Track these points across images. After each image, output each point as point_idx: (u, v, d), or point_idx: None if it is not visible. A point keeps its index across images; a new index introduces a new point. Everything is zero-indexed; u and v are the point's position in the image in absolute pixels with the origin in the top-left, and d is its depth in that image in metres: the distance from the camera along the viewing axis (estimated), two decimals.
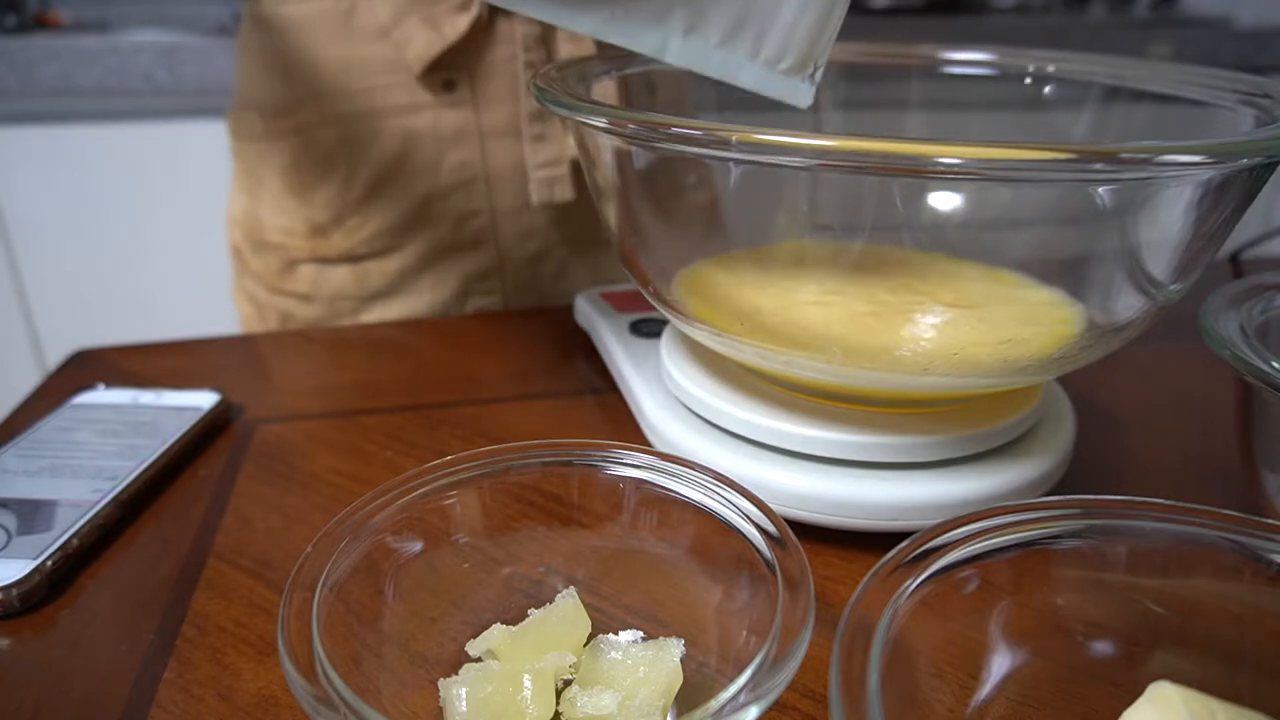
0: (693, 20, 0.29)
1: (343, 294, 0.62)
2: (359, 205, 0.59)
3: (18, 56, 1.08)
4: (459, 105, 0.58)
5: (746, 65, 0.30)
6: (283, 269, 0.62)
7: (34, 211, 1.16)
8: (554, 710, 0.23)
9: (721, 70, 0.30)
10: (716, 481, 0.26)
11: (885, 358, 0.30)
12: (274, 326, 0.65)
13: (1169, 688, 0.21)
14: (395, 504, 0.26)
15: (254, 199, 0.63)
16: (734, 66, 0.30)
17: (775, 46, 0.30)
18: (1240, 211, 0.29)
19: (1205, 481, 0.38)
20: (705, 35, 0.29)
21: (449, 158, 0.59)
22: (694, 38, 0.29)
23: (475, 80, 0.57)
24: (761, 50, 0.30)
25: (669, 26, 0.29)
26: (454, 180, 0.59)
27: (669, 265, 0.37)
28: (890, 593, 0.21)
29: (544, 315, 0.56)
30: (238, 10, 1.42)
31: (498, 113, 0.58)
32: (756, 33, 0.29)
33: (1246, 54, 1.45)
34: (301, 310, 0.63)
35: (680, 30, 0.29)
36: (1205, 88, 0.36)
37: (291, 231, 0.61)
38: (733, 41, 0.30)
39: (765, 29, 0.29)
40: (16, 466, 0.36)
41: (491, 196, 0.60)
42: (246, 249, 0.64)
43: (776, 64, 0.30)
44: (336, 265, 0.61)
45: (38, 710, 0.26)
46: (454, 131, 0.58)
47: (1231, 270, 0.62)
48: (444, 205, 0.60)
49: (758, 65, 0.30)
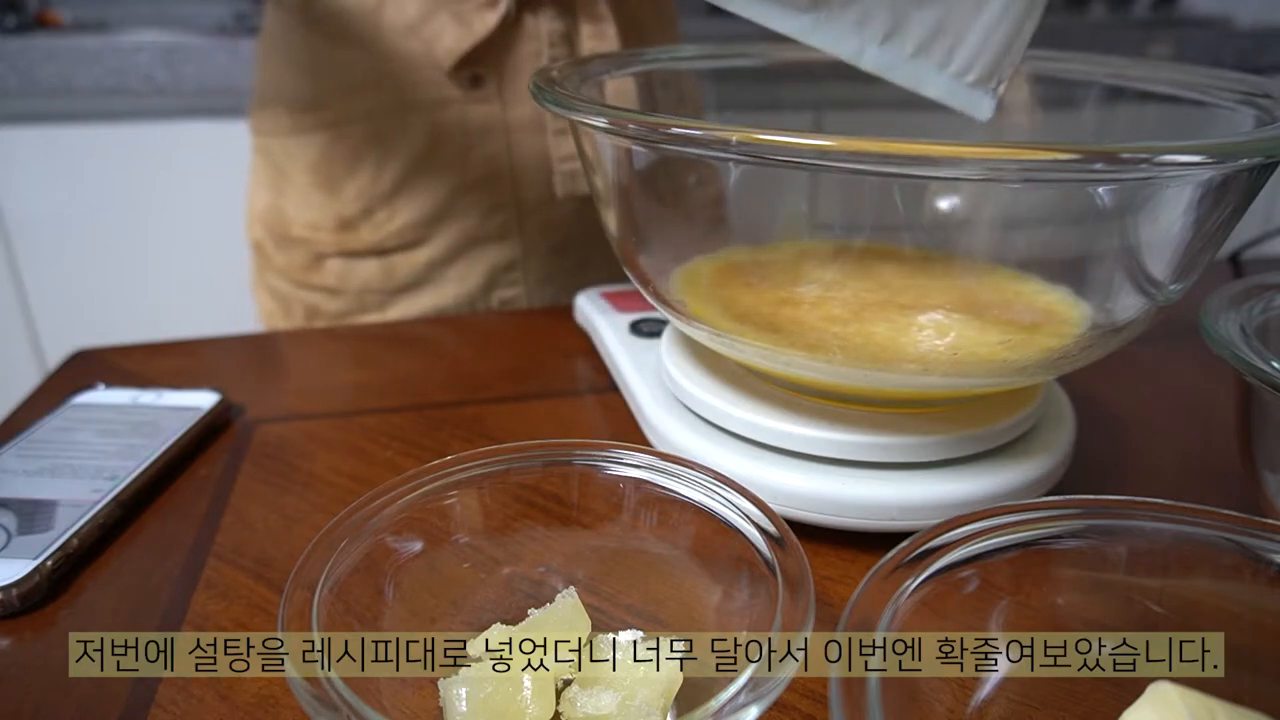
0: (891, 29, 0.30)
1: (370, 287, 0.63)
2: (387, 199, 0.60)
3: (17, 56, 1.08)
4: (486, 100, 0.59)
5: (935, 75, 0.31)
6: (309, 263, 0.63)
7: (34, 211, 1.16)
8: (554, 710, 0.23)
9: (911, 79, 0.31)
10: (716, 481, 0.26)
11: (885, 358, 0.30)
12: (300, 319, 0.66)
13: (1169, 688, 0.21)
14: (395, 504, 0.26)
15: (278, 194, 0.63)
16: (923, 76, 0.31)
17: (965, 59, 0.31)
18: (1240, 211, 0.29)
19: (1205, 481, 0.38)
20: (901, 44, 0.31)
21: (476, 152, 0.59)
22: (890, 46, 0.31)
23: (502, 76, 0.58)
24: (952, 62, 0.31)
25: (868, 34, 0.30)
26: (480, 174, 0.60)
27: (669, 265, 0.37)
28: (890, 593, 0.21)
29: (544, 315, 0.56)
30: (238, 10, 1.43)
31: (523, 108, 0.59)
32: (949, 45, 0.31)
33: (1246, 54, 1.45)
34: (329, 303, 0.64)
35: (878, 38, 0.31)
36: (1205, 88, 0.36)
37: (318, 226, 0.62)
38: (926, 52, 0.31)
39: (958, 42, 0.31)
40: (16, 466, 0.36)
41: (517, 189, 0.61)
42: (269, 244, 0.65)
43: (964, 76, 0.31)
44: (364, 259, 0.62)
45: (38, 710, 0.26)
46: (481, 126, 0.59)
47: (1231, 270, 0.62)
48: (471, 198, 0.61)
49: (946, 76, 0.31)
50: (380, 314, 0.63)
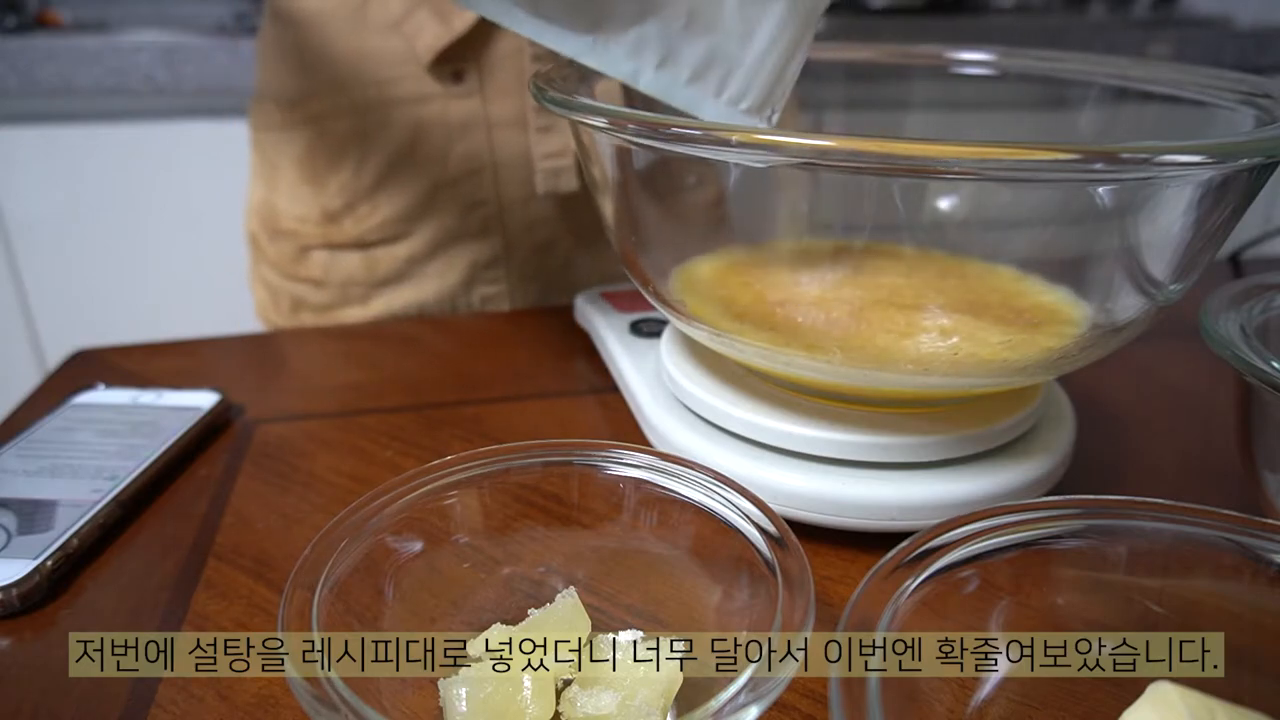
0: (665, 56, 0.32)
1: (353, 280, 0.63)
2: (369, 193, 0.60)
3: (17, 56, 1.07)
4: (468, 96, 0.59)
5: (710, 102, 0.32)
6: (296, 255, 0.64)
7: (34, 211, 1.15)
8: (554, 710, 0.23)
9: (687, 103, 0.32)
10: (716, 481, 0.26)
11: (885, 358, 0.30)
12: (286, 312, 0.66)
13: (1169, 688, 0.21)
14: (395, 504, 0.26)
15: (270, 188, 0.64)
16: (699, 102, 0.32)
17: (738, 89, 0.32)
18: (1240, 211, 0.29)
19: (1205, 481, 0.38)
20: (676, 71, 0.32)
21: (457, 147, 0.60)
22: (664, 72, 0.32)
23: (484, 72, 0.59)
24: (725, 90, 0.32)
25: (643, 60, 0.32)
26: (462, 169, 0.60)
27: (668, 265, 0.37)
28: (890, 593, 0.21)
29: (544, 315, 0.56)
30: (238, 10, 1.43)
31: (505, 104, 0.59)
32: (722, 75, 0.32)
33: (1246, 54, 1.45)
34: (313, 296, 0.64)
35: (653, 64, 0.32)
36: (1205, 88, 0.36)
37: (305, 219, 0.62)
38: (701, 80, 0.32)
39: (730, 72, 0.32)
40: (16, 466, 0.36)
41: (498, 186, 0.61)
42: (263, 236, 0.66)
43: (738, 103, 0.32)
44: (348, 252, 0.63)
45: (38, 710, 0.26)
46: (462, 122, 0.59)
47: (1231, 270, 0.62)
48: (452, 194, 0.61)
49: (721, 103, 0.32)
50: (363, 307, 0.64)
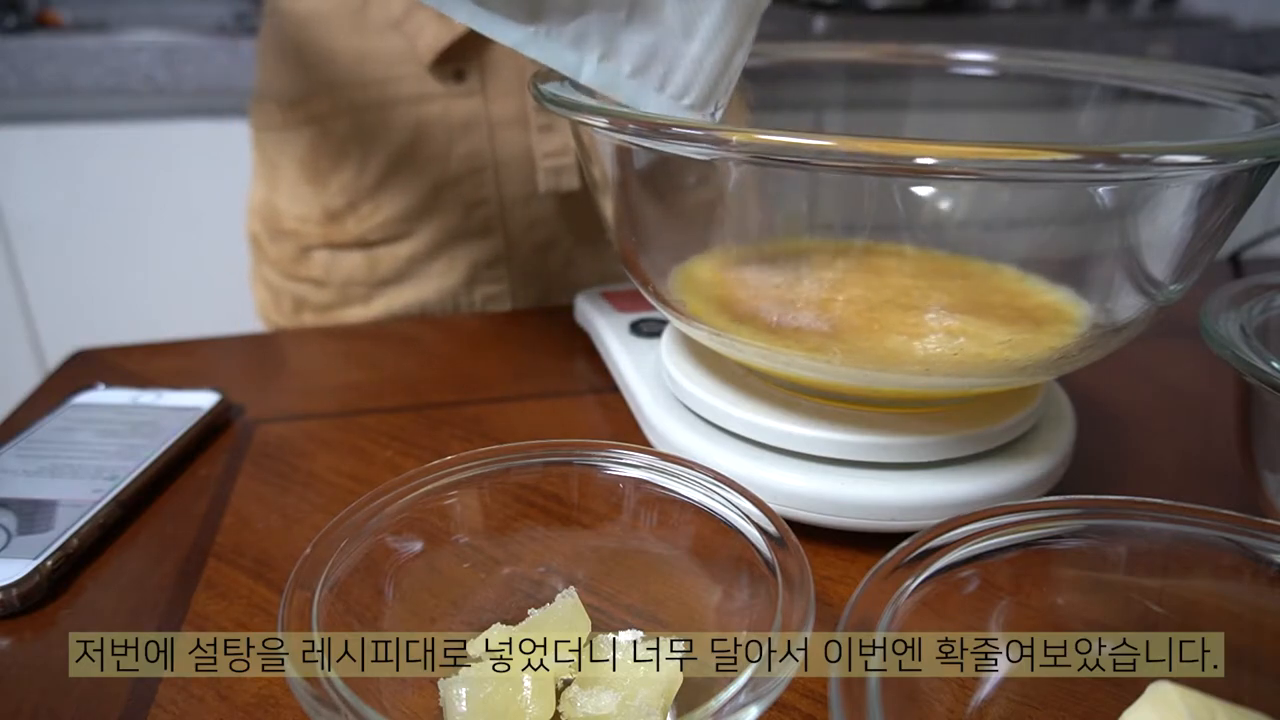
0: (606, 50, 0.32)
1: (354, 280, 0.63)
2: (371, 192, 0.60)
3: (17, 56, 1.07)
4: (469, 95, 0.59)
5: (653, 96, 0.32)
6: (298, 255, 0.64)
7: (34, 211, 1.15)
8: (554, 710, 0.23)
9: (631, 97, 0.32)
10: (716, 481, 0.26)
11: (885, 358, 0.30)
12: (288, 312, 0.66)
13: (1169, 688, 0.21)
14: (395, 504, 0.26)
15: (272, 188, 0.64)
16: (642, 96, 0.32)
17: (680, 83, 0.32)
18: (1240, 212, 0.29)
19: (1205, 481, 0.38)
20: (618, 64, 0.32)
21: (458, 146, 0.60)
22: (607, 65, 0.32)
23: (485, 71, 0.59)
24: (668, 85, 0.32)
25: (585, 52, 0.32)
26: (463, 169, 0.60)
27: (668, 264, 0.37)
28: (890, 593, 0.21)
29: (544, 315, 0.56)
30: (238, 10, 1.43)
31: (506, 103, 0.59)
32: (664, 70, 0.32)
33: (1246, 54, 1.45)
34: (315, 295, 0.64)
35: (595, 57, 0.32)
36: (1205, 88, 0.36)
37: (306, 219, 0.62)
38: (643, 74, 0.32)
39: (672, 66, 0.32)
40: (16, 466, 0.36)
41: (500, 185, 0.61)
42: (264, 237, 0.66)
43: (681, 99, 0.32)
44: (349, 251, 0.63)
45: (38, 710, 0.26)
46: (464, 121, 0.59)
47: (1231, 270, 0.62)
48: (453, 193, 0.61)
49: (664, 98, 0.32)
50: (364, 306, 0.64)
